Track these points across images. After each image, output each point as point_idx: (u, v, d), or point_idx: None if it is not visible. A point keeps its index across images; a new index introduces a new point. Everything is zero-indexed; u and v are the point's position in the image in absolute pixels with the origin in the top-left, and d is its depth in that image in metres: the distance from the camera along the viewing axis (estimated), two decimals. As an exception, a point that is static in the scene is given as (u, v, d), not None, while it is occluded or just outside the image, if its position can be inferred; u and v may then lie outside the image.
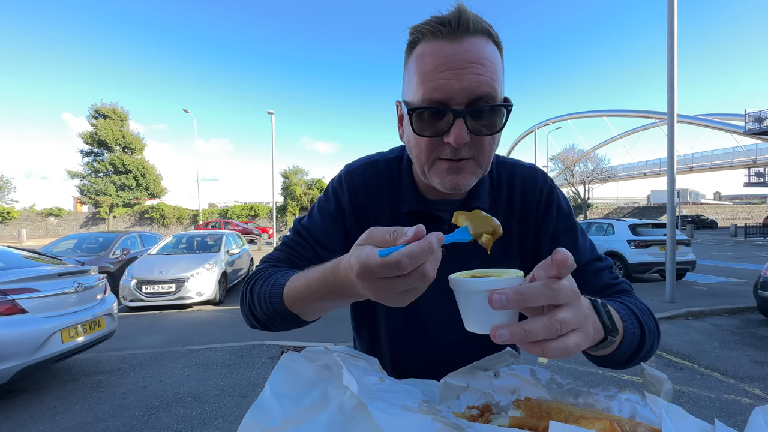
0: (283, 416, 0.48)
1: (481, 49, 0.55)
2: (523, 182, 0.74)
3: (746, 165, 33.42)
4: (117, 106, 29.52)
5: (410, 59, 0.60)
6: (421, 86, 0.56)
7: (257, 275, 0.68)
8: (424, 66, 0.56)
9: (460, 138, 0.55)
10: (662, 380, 0.55)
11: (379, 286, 0.40)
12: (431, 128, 0.57)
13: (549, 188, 0.74)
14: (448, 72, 0.54)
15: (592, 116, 43.15)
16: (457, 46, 0.54)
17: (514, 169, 0.76)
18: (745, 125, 26.23)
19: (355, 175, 0.76)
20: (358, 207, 0.75)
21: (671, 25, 5.92)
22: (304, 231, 0.75)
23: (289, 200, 33.03)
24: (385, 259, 0.37)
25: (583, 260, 0.69)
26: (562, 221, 0.73)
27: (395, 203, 0.74)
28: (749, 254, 14.17)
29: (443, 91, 0.54)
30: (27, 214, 31.30)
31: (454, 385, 0.62)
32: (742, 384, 3.31)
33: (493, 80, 0.55)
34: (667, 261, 6.21)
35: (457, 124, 0.55)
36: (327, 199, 0.77)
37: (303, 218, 0.79)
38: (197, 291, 6.50)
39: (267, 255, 0.76)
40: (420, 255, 0.37)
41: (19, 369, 2.79)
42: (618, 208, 42.32)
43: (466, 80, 0.54)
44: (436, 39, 0.55)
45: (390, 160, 0.77)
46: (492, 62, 0.56)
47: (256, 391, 3.22)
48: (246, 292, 0.68)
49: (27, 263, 3.39)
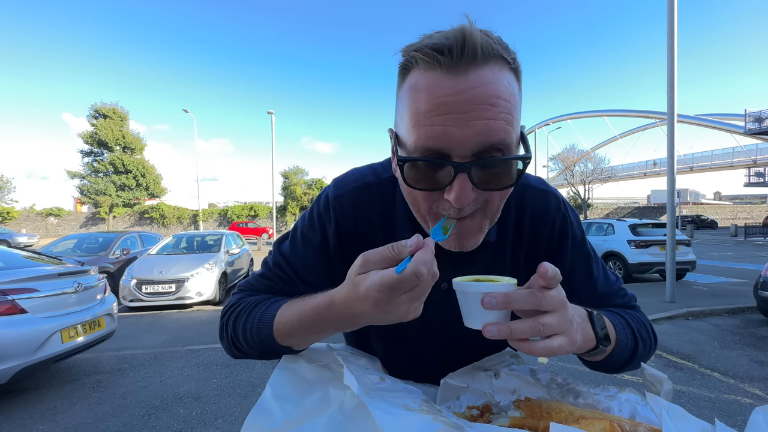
0: (284, 418, 0.48)
1: (491, 84, 0.43)
2: (534, 209, 0.67)
3: (746, 165, 33.42)
4: (117, 106, 29.56)
5: (402, 88, 0.49)
6: (414, 129, 0.46)
7: (236, 307, 0.64)
8: (417, 104, 0.45)
9: (462, 198, 0.46)
10: (662, 380, 0.55)
11: (398, 302, 0.42)
12: (428, 181, 0.48)
13: (562, 217, 0.68)
14: (448, 117, 0.43)
15: (592, 116, 43.17)
16: (459, 82, 0.43)
17: (524, 194, 0.66)
18: (745, 125, 26.24)
19: (344, 201, 0.65)
20: (346, 239, 0.66)
21: (671, 25, 5.92)
22: (284, 261, 0.67)
23: (289, 200, 33.04)
24: (404, 274, 0.39)
25: (600, 292, 0.69)
26: (576, 254, 0.69)
27: (389, 233, 0.66)
28: (749, 254, 14.17)
29: (442, 140, 0.45)
30: (27, 214, 31.31)
31: (454, 385, 0.62)
32: (742, 384, 3.31)
33: (507, 123, 0.45)
34: (667, 261, 6.21)
35: (458, 180, 0.46)
36: (312, 226, 0.67)
37: (285, 242, 0.70)
38: (197, 291, 6.50)
39: (243, 283, 0.70)
40: (431, 259, 0.41)
41: (19, 369, 2.79)
42: (618, 208, 42.32)
43: (471, 127, 0.43)
44: (432, 69, 0.44)
45: (384, 183, 0.67)
46: (506, 100, 0.44)
47: (256, 392, 3.22)
48: (227, 326, 0.63)
49: (27, 263, 3.39)
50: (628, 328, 0.61)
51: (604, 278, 0.70)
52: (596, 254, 0.72)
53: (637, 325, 0.64)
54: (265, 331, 0.58)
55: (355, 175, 0.68)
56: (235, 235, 9.41)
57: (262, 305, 0.61)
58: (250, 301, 0.63)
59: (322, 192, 0.69)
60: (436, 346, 0.72)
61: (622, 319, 0.63)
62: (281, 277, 0.66)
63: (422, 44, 0.45)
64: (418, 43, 0.47)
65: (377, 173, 0.68)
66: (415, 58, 0.46)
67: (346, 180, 0.68)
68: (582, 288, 0.67)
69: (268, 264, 0.69)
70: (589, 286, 0.68)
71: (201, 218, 28.77)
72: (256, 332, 0.59)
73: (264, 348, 0.59)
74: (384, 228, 0.66)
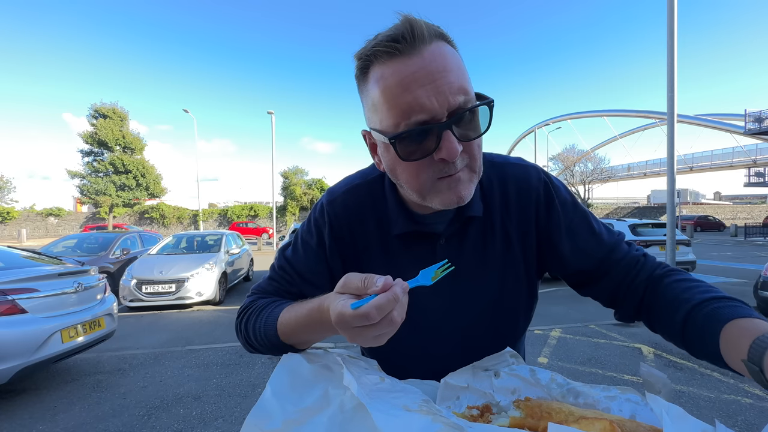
0: (284, 417, 0.48)
1: (443, 55, 0.51)
2: (517, 183, 0.70)
3: (746, 165, 33.42)
4: (117, 106, 29.52)
5: (368, 86, 0.56)
6: (392, 111, 0.52)
7: (249, 309, 0.71)
8: (389, 89, 0.52)
9: (453, 151, 0.52)
10: (662, 380, 0.55)
11: (353, 333, 0.46)
12: (418, 150, 0.53)
13: (545, 185, 0.71)
14: (419, 89, 0.50)
15: (592, 116, 43.13)
16: (419, 60, 0.50)
17: (505, 169, 0.71)
18: (745, 125, 26.22)
19: (337, 204, 0.72)
20: (342, 239, 0.71)
21: (671, 25, 5.92)
22: (288, 266, 0.73)
23: (289, 200, 33.04)
24: (356, 312, 0.43)
25: (607, 243, 0.70)
26: (570, 215, 0.71)
27: (384, 227, 0.71)
28: (749, 254, 14.17)
29: (421, 109, 0.51)
30: (27, 214, 31.31)
31: (454, 385, 0.62)
32: (742, 384, 3.30)
33: (464, 83, 0.53)
34: (667, 261, 6.20)
35: (445, 138, 0.52)
36: (309, 231, 0.74)
37: (288, 248, 0.76)
38: (197, 291, 6.50)
39: (255, 286, 0.77)
40: (387, 306, 0.43)
41: (19, 369, 2.79)
42: (618, 208, 42.30)
43: (440, 92, 0.50)
44: (393, 58, 0.51)
45: (372, 181, 0.73)
46: (457, 65, 0.53)
47: (256, 392, 3.22)
48: (240, 326, 0.71)
49: (27, 263, 3.39)
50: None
51: (607, 232, 0.72)
52: (594, 215, 0.74)
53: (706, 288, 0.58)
54: (271, 332, 0.63)
55: (345, 181, 0.76)
56: (235, 235, 9.41)
57: (269, 308, 0.67)
58: (259, 304, 0.70)
59: (318, 201, 0.76)
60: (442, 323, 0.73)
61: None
62: (287, 279, 0.73)
63: (376, 42, 0.52)
64: (370, 44, 0.54)
65: (364, 175, 0.75)
66: (375, 54, 0.52)
67: (337, 187, 0.75)
68: (588, 243, 0.70)
69: (275, 268, 0.76)
70: (594, 239, 0.70)
71: (201, 218, 28.77)
72: (263, 332, 0.65)
73: (272, 346, 0.65)
74: (377, 221, 0.71)
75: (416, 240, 0.70)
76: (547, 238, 0.71)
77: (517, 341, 0.79)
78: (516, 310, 0.74)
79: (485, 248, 0.70)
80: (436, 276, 0.52)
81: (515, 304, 0.74)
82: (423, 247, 0.70)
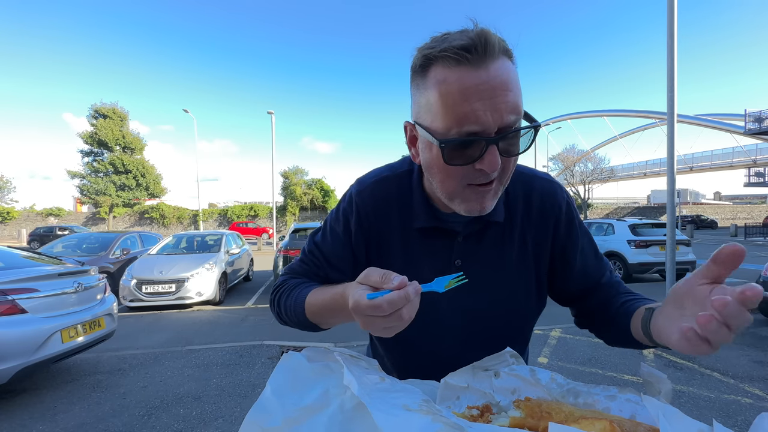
0: (284, 416, 0.48)
1: (506, 73, 0.53)
2: (542, 195, 0.75)
3: (746, 165, 33.40)
4: (117, 106, 29.53)
5: (426, 83, 0.57)
6: (448, 116, 0.54)
7: (282, 287, 0.79)
8: (450, 95, 0.53)
9: (494, 164, 0.55)
10: (662, 380, 0.55)
11: (366, 321, 0.51)
12: (462, 157, 0.56)
13: (567, 203, 0.76)
14: (479, 102, 0.52)
15: (592, 116, 43.15)
16: (483, 73, 0.52)
17: (533, 181, 0.76)
18: (745, 125, 26.22)
19: (365, 195, 0.76)
20: (367, 228, 0.75)
21: (671, 25, 5.93)
22: (316, 250, 0.79)
23: (289, 200, 33.03)
24: (370, 302, 0.49)
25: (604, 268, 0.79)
26: (583, 238, 0.78)
27: (407, 219, 0.74)
28: (749, 254, 14.08)
29: (475, 121, 0.53)
30: (27, 214, 31.30)
31: (454, 385, 0.62)
32: (742, 384, 3.31)
33: (519, 102, 0.55)
34: (667, 261, 6.21)
35: (490, 152, 0.54)
36: (337, 219, 0.78)
37: (318, 233, 0.82)
38: (197, 291, 6.50)
39: (288, 266, 0.84)
40: (397, 302, 0.48)
41: (19, 369, 2.79)
42: (618, 208, 42.31)
43: (497, 108, 0.53)
44: (460, 65, 0.53)
45: (401, 175, 0.76)
46: (516, 85, 0.55)
47: (256, 391, 3.22)
48: (274, 302, 0.79)
49: (27, 263, 3.39)
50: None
51: (602, 257, 0.81)
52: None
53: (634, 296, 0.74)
54: (299, 310, 0.71)
55: (374, 173, 0.79)
56: (235, 235, 9.41)
57: (298, 288, 0.74)
58: (291, 284, 0.78)
59: (347, 191, 0.80)
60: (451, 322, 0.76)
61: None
62: (315, 262, 0.79)
63: (447, 45, 0.53)
64: (439, 44, 0.55)
65: (393, 168, 0.78)
66: (442, 56, 0.54)
67: (366, 178, 0.79)
68: (593, 266, 0.78)
69: (305, 251, 0.82)
70: (598, 263, 0.79)
71: (201, 218, 28.76)
72: (293, 310, 0.72)
73: (300, 323, 0.73)
74: (400, 213, 0.75)
75: (435, 235, 0.74)
76: (561, 253, 0.77)
77: (524, 346, 0.83)
78: (524, 315, 0.78)
79: (502, 252, 0.74)
80: (449, 285, 0.55)
81: (524, 309, 0.77)
82: (441, 243, 0.74)
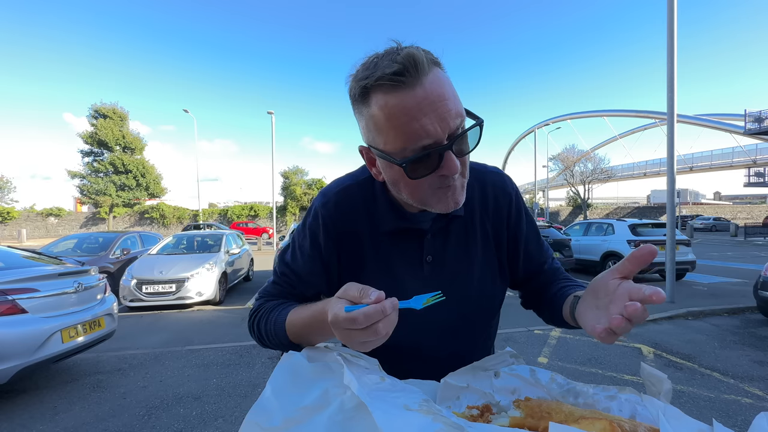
0: (284, 416, 0.48)
1: (439, 83, 0.56)
2: (494, 188, 0.81)
3: (746, 165, 33.40)
4: (117, 106, 29.50)
5: (369, 109, 0.59)
6: (399, 137, 0.57)
7: (259, 312, 0.77)
8: (396, 117, 0.56)
9: (454, 167, 0.58)
10: (662, 380, 0.55)
11: (343, 334, 0.52)
12: (423, 169, 0.59)
13: (516, 193, 0.83)
14: (424, 118, 0.55)
15: (592, 116, 43.13)
16: (420, 90, 0.55)
17: (485, 176, 0.82)
18: (745, 125, 26.20)
19: (330, 206, 0.76)
20: (336, 238, 0.76)
21: (671, 25, 5.92)
22: (288, 270, 0.79)
23: (289, 200, 33.02)
24: (347, 315, 0.50)
25: (546, 254, 0.86)
26: (531, 224, 0.84)
27: (375, 224, 0.75)
28: (749, 254, 14.17)
29: (426, 135, 0.56)
30: (27, 214, 31.28)
31: (454, 385, 0.62)
32: (742, 384, 3.31)
33: (459, 105, 0.58)
34: (667, 261, 6.21)
35: (447, 157, 0.58)
36: (304, 236, 0.78)
37: (286, 252, 0.82)
38: (197, 291, 6.50)
39: (262, 290, 0.83)
40: (373, 315, 0.48)
41: (19, 369, 2.79)
42: (618, 208, 42.31)
43: (442, 118, 0.56)
44: (397, 90, 0.55)
45: (363, 182, 0.77)
46: (451, 89, 0.58)
47: (256, 391, 3.22)
48: (253, 327, 0.78)
49: (27, 263, 3.39)
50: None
51: (546, 244, 0.88)
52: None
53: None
54: (280, 333, 0.70)
55: (336, 183, 0.80)
56: (236, 235, 9.40)
57: (276, 310, 0.73)
58: (268, 306, 0.76)
59: (311, 205, 0.80)
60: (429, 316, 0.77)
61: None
62: (288, 282, 0.79)
63: (381, 73, 0.56)
64: (372, 72, 0.57)
65: (355, 177, 0.79)
66: (378, 84, 0.56)
67: (329, 189, 0.79)
68: (537, 252, 0.85)
69: (277, 273, 0.81)
70: (540, 250, 0.86)
71: (201, 218, 28.75)
72: (273, 333, 0.71)
73: (282, 345, 0.71)
74: (367, 219, 0.76)
75: (405, 236, 0.76)
76: (513, 239, 0.83)
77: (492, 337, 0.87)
78: (492, 298, 0.81)
79: (468, 244, 0.79)
80: (427, 302, 0.55)
81: (492, 298, 0.81)
82: (411, 243, 0.76)
